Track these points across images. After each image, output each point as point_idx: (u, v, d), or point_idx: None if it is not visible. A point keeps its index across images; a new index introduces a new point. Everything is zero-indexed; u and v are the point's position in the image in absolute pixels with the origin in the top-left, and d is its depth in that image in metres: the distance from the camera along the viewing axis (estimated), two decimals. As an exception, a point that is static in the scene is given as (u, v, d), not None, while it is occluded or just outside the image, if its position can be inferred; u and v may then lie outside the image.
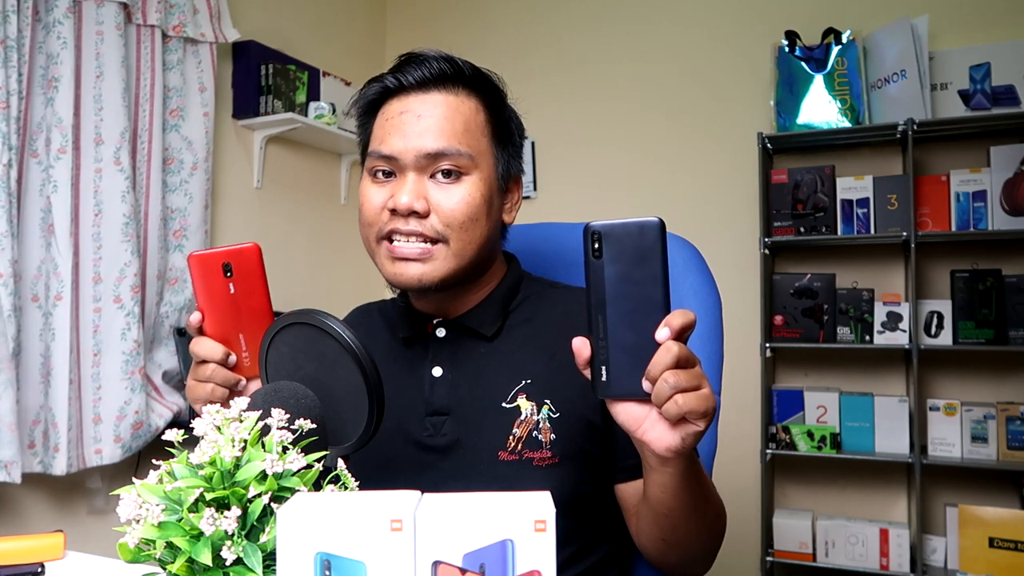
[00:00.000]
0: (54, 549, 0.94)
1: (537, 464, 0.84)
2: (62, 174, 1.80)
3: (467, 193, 0.84)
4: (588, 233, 0.64)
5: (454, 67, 0.86)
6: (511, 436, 0.84)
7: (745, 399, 2.42)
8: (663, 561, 0.85)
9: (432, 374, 0.90)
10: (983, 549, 2.07)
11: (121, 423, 1.89)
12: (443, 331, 0.92)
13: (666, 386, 0.62)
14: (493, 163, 0.88)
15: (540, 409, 0.85)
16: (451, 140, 0.83)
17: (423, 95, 0.85)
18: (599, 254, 0.64)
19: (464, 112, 0.85)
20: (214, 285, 0.77)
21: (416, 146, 0.83)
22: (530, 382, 0.87)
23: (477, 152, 0.85)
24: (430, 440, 0.87)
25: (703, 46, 2.69)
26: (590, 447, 0.86)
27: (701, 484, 0.77)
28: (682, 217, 2.62)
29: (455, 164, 0.84)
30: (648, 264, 0.63)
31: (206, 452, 0.51)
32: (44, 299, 1.79)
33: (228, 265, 0.77)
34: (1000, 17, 2.32)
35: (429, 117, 0.84)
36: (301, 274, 2.67)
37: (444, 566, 0.45)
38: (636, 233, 0.63)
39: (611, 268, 0.64)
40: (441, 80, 0.86)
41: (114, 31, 1.91)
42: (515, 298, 0.94)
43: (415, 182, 0.83)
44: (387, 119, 0.86)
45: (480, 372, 0.89)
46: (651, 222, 0.63)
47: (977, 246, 2.30)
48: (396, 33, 3.21)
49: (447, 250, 0.84)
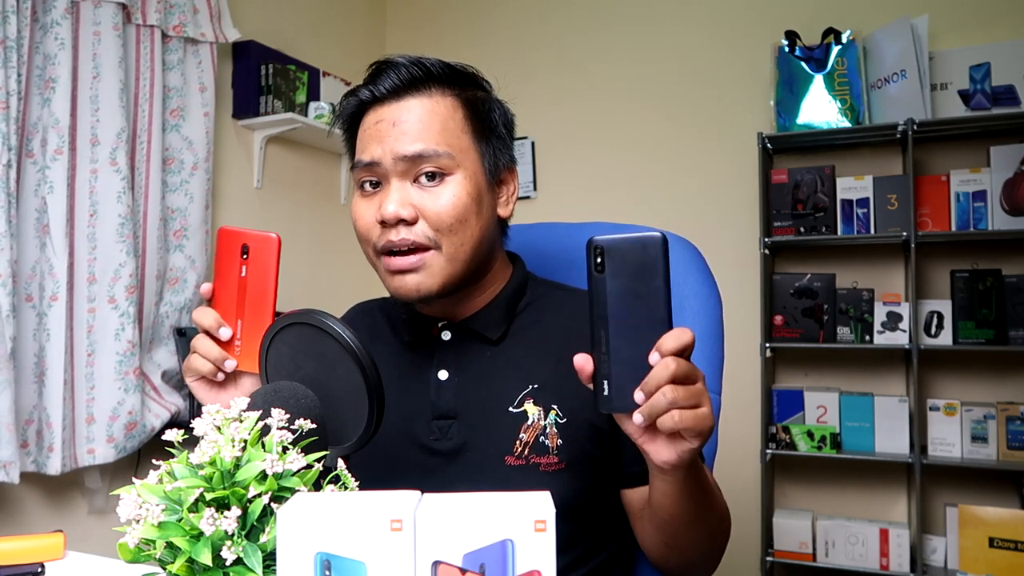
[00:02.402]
0: (54, 549, 0.94)
1: (544, 470, 0.83)
2: (58, 175, 1.80)
3: (452, 194, 0.83)
4: (591, 248, 0.64)
5: (423, 70, 0.85)
6: (518, 441, 0.84)
7: (745, 399, 2.42)
8: (666, 565, 0.85)
9: (438, 377, 0.89)
10: (983, 549, 2.07)
11: (114, 423, 1.89)
12: (448, 334, 0.91)
13: (662, 400, 0.62)
14: (478, 159, 0.86)
15: (547, 414, 0.85)
16: (428, 142, 0.82)
17: (397, 102, 0.85)
18: (602, 268, 0.64)
19: (440, 112, 0.84)
20: (230, 262, 0.78)
21: (393, 149, 0.82)
22: (537, 387, 0.86)
23: (458, 150, 0.84)
24: (436, 444, 0.87)
25: (703, 46, 2.69)
26: (596, 452, 0.86)
27: (704, 493, 0.77)
28: (682, 217, 2.63)
29: (436, 165, 0.83)
30: (650, 279, 0.64)
31: (206, 452, 0.51)
32: (39, 299, 1.79)
33: (246, 247, 0.78)
34: (1000, 17, 2.32)
35: (404, 122, 0.83)
36: (301, 274, 2.67)
37: (444, 566, 0.45)
38: (639, 248, 0.64)
39: (613, 283, 0.64)
40: (413, 84, 0.85)
41: (111, 32, 1.90)
42: (521, 300, 0.93)
43: (399, 189, 0.83)
44: (366, 130, 0.86)
45: (486, 376, 0.88)
46: (653, 237, 0.64)
47: (977, 246, 2.30)
48: (396, 33, 3.21)
49: (440, 256, 0.83)
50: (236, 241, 0.78)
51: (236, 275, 0.78)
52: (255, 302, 0.78)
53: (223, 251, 0.78)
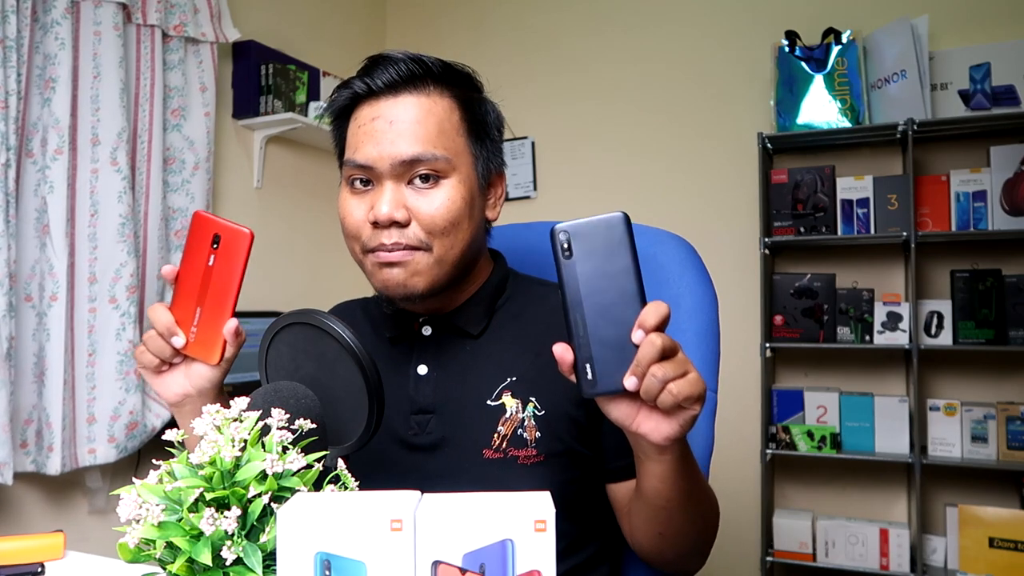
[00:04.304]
0: (54, 549, 0.94)
1: (522, 462, 0.83)
2: (58, 175, 1.80)
3: (447, 197, 0.82)
4: (556, 234, 0.65)
5: (423, 67, 0.84)
6: (496, 434, 0.84)
7: (745, 399, 2.42)
8: (660, 558, 0.85)
9: (417, 372, 0.89)
10: (983, 549, 2.07)
11: (115, 423, 1.89)
12: (429, 329, 0.91)
13: (655, 380, 0.63)
14: (472, 162, 0.86)
15: (525, 407, 0.85)
16: (426, 145, 0.81)
17: (394, 98, 0.83)
18: (569, 254, 0.65)
19: (437, 113, 0.83)
20: (200, 249, 0.77)
21: (390, 153, 0.81)
22: (515, 380, 0.86)
23: (454, 153, 0.83)
24: (415, 439, 0.87)
25: (703, 46, 2.69)
26: (576, 445, 0.86)
27: (695, 471, 0.77)
28: (682, 217, 2.63)
29: (432, 168, 0.82)
30: (618, 258, 0.65)
31: (206, 452, 0.51)
32: (39, 299, 1.79)
33: (218, 237, 0.77)
34: (1000, 17, 2.32)
35: (401, 122, 0.82)
36: (301, 274, 2.67)
37: (444, 566, 0.45)
38: (603, 228, 0.65)
39: (583, 265, 0.65)
40: (411, 81, 0.83)
41: (112, 31, 1.90)
42: (501, 296, 0.93)
43: (393, 191, 0.82)
44: (360, 126, 0.84)
45: (465, 370, 0.88)
46: (616, 216, 0.65)
47: (977, 246, 2.30)
48: (396, 33, 3.21)
49: (429, 257, 0.82)
50: (209, 229, 0.77)
51: (204, 263, 0.77)
52: (217, 293, 0.77)
53: (195, 236, 0.78)
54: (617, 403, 0.67)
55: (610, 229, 0.64)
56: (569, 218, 0.66)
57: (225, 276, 0.77)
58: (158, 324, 0.78)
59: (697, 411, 0.65)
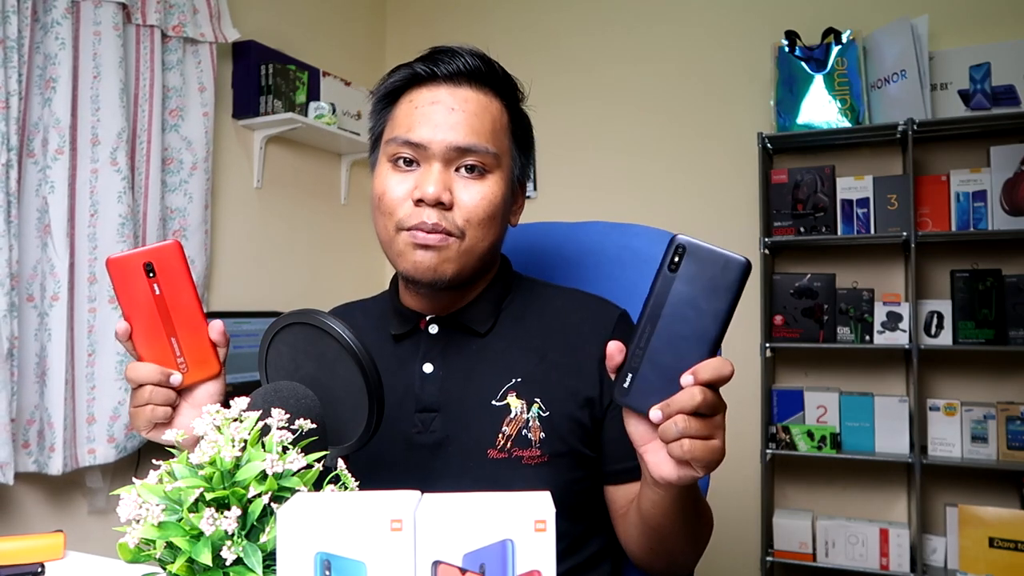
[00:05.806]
0: (54, 549, 0.94)
1: (527, 463, 0.84)
2: (59, 175, 1.80)
3: (489, 191, 0.84)
4: (673, 244, 0.63)
5: (487, 66, 0.87)
6: (500, 434, 0.84)
7: (745, 399, 2.42)
8: (650, 567, 0.86)
9: (423, 371, 0.89)
10: (983, 549, 2.07)
11: (115, 423, 1.89)
12: (435, 328, 0.91)
13: (675, 428, 0.61)
14: (511, 165, 0.89)
15: (530, 407, 0.85)
16: (480, 137, 0.84)
17: (454, 88, 0.85)
18: (675, 268, 0.63)
19: (492, 111, 0.86)
20: (137, 288, 0.74)
21: (446, 138, 0.83)
22: (520, 380, 0.86)
23: (501, 152, 0.86)
24: (419, 437, 0.87)
25: (703, 46, 2.69)
26: (580, 447, 0.86)
27: (695, 503, 0.77)
28: (682, 217, 2.63)
29: (481, 161, 0.84)
30: (718, 299, 0.62)
31: (206, 452, 0.51)
32: (40, 299, 1.79)
33: (150, 265, 0.74)
34: (1000, 17, 2.32)
35: (461, 111, 0.84)
36: (301, 274, 2.67)
37: (444, 566, 0.45)
38: (720, 263, 0.62)
39: (680, 285, 0.62)
40: (472, 76, 0.86)
41: (112, 31, 1.90)
42: (507, 296, 0.94)
43: (441, 172, 0.83)
44: (416, 107, 0.85)
45: (471, 369, 0.89)
46: (739, 260, 0.61)
47: (977, 246, 2.30)
48: (396, 33, 3.21)
49: (461, 245, 0.83)
50: (135, 264, 0.74)
51: (149, 298, 0.74)
52: (182, 313, 0.75)
53: (124, 280, 0.74)
54: (639, 422, 0.66)
55: (726, 268, 0.61)
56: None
57: (179, 293, 0.75)
58: (147, 377, 0.74)
59: (700, 475, 0.64)
